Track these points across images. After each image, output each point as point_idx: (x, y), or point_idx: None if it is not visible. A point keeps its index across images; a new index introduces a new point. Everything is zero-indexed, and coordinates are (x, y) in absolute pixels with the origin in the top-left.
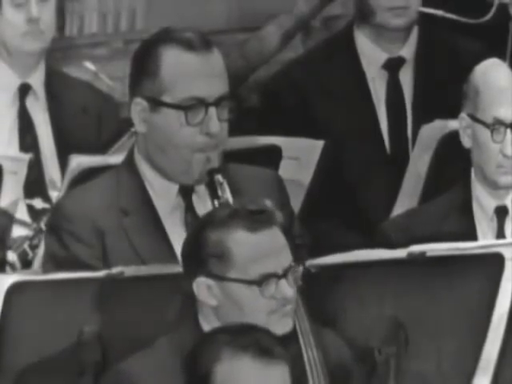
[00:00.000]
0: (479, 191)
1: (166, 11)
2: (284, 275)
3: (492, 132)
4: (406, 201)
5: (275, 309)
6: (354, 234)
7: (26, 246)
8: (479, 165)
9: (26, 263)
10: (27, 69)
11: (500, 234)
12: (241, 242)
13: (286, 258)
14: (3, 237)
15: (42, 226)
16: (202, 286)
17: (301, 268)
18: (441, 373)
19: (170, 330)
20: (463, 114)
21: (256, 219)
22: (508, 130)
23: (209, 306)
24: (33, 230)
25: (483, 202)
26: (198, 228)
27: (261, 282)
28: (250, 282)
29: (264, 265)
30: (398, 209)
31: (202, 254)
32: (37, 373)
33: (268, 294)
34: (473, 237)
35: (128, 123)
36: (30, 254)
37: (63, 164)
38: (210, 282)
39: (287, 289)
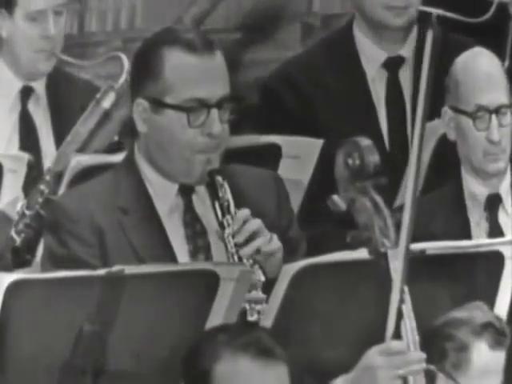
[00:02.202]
0: (470, 182)
1: (166, 10)
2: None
3: (474, 120)
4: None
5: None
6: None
7: (12, 233)
8: (466, 156)
9: (15, 250)
10: (33, 77)
11: (493, 223)
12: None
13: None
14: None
15: (25, 210)
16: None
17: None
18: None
19: (168, 326)
20: (446, 108)
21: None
22: (493, 116)
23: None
24: (16, 214)
25: (475, 191)
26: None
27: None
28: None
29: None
30: None
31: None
32: (36, 372)
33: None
34: (466, 228)
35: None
36: (18, 239)
37: None
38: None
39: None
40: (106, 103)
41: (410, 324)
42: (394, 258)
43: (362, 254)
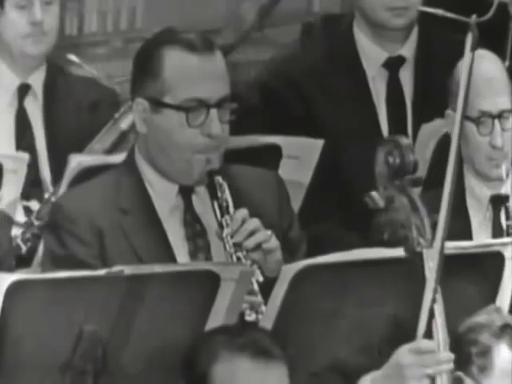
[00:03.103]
0: (472, 182)
1: (166, 10)
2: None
3: (478, 126)
4: None
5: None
6: (353, 234)
7: (18, 240)
8: (469, 158)
9: (20, 258)
10: (28, 69)
11: (496, 223)
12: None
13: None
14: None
15: (33, 220)
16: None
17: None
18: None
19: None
20: (449, 111)
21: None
22: (496, 121)
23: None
24: (24, 224)
25: (477, 192)
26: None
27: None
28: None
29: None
30: None
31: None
32: (37, 372)
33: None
34: (467, 228)
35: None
36: (24, 248)
37: (62, 164)
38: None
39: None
40: (124, 124)
41: (440, 324)
42: (429, 257)
43: (362, 254)
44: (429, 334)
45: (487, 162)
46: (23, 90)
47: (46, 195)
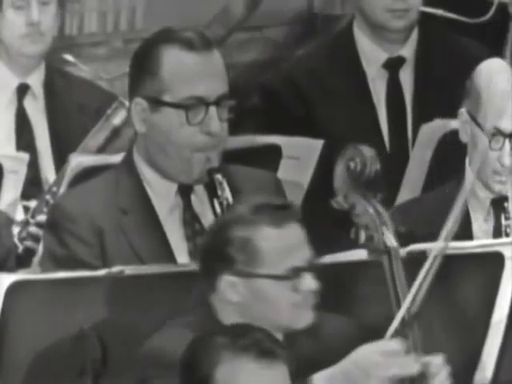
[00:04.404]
0: (474, 182)
1: (166, 10)
2: (307, 268)
3: (490, 140)
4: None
5: (300, 302)
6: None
7: (15, 239)
8: (475, 163)
9: (19, 257)
10: (26, 69)
11: (497, 224)
12: (268, 238)
13: (307, 251)
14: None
15: (29, 218)
16: (226, 284)
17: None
18: None
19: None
20: (463, 110)
21: (279, 214)
22: (507, 141)
23: (231, 303)
24: (20, 223)
25: (478, 193)
26: (221, 226)
27: (290, 276)
28: (280, 277)
29: (291, 259)
30: None
31: (227, 253)
32: (36, 372)
33: (294, 288)
34: (467, 228)
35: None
36: (20, 246)
37: (62, 163)
38: (236, 279)
39: (311, 281)
40: (116, 120)
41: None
42: (396, 258)
43: (362, 254)
44: (399, 335)
45: (493, 175)
46: (22, 89)
47: (47, 196)
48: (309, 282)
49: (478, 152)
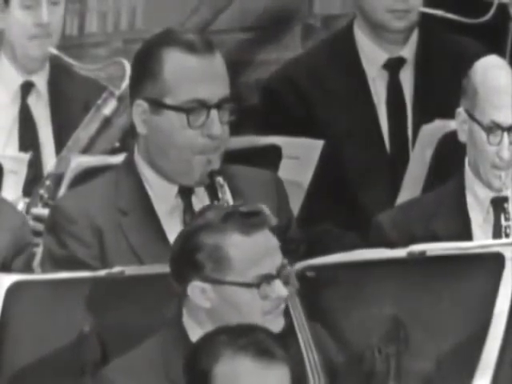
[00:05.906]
0: (474, 182)
1: (166, 11)
2: (278, 275)
3: (488, 135)
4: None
5: (270, 309)
6: (353, 234)
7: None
8: (474, 161)
9: None
10: (31, 68)
11: (496, 224)
12: (237, 245)
13: (278, 258)
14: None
15: (24, 213)
16: (196, 290)
17: (292, 268)
18: (441, 373)
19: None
20: (461, 109)
21: (249, 222)
22: (505, 134)
23: (202, 309)
24: None
25: (478, 192)
26: (190, 232)
27: (259, 283)
28: (248, 285)
29: (260, 266)
30: None
31: (196, 259)
32: (36, 373)
33: (264, 295)
34: (467, 228)
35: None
36: None
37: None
38: (205, 285)
39: (281, 288)
40: (107, 110)
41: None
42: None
43: (362, 254)
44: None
45: (491, 169)
46: (27, 87)
47: (41, 191)
48: (278, 290)
49: (477, 148)
